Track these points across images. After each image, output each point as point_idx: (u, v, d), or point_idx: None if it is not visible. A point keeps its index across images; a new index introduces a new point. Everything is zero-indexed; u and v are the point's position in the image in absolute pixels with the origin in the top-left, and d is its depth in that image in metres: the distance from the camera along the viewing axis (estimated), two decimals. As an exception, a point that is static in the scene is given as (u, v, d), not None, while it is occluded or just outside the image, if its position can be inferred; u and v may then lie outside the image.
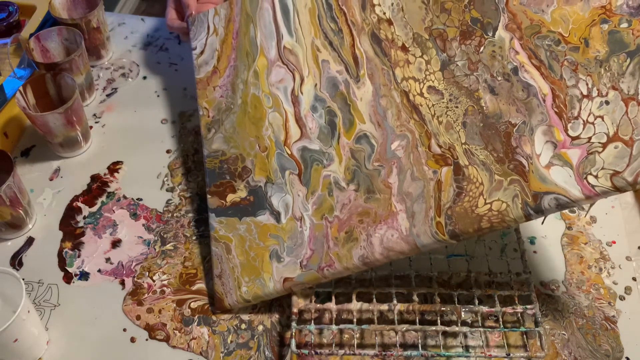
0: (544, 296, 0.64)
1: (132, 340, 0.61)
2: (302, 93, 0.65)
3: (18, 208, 0.67)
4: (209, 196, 0.65)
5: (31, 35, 0.78)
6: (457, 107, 0.57)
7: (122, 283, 0.65)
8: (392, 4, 0.63)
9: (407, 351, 0.57)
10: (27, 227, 0.69)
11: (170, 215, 0.70)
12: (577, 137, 0.51)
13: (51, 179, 0.74)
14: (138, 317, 0.63)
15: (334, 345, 0.59)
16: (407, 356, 0.57)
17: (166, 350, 0.61)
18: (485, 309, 0.59)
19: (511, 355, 0.57)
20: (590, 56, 0.53)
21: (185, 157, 0.76)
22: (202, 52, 0.72)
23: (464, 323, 0.60)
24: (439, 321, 0.59)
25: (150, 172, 0.75)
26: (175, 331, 0.62)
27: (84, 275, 0.66)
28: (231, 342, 0.61)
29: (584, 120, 0.51)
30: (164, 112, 0.81)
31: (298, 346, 0.59)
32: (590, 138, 0.50)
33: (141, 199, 0.72)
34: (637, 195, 0.72)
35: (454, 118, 0.57)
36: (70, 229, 0.70)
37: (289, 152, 0.63)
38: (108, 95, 0.83)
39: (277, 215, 0.61)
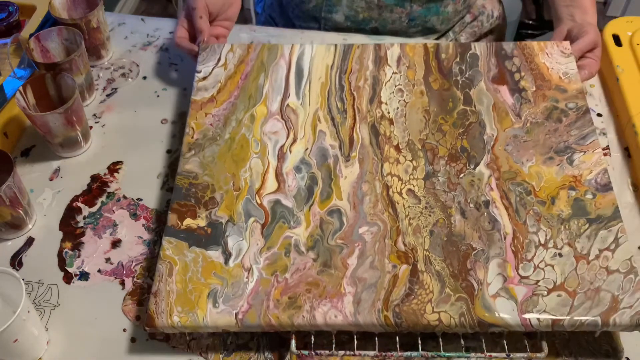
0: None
1: (132, 340, 0.61)
2: (290, 152, 0.67)
3: (18, 208, 0.67)
4: (169, 212, 0.63)
5: (31, 35, 0.78)
6: (430, 215, 0.61)
7: (122, 283, 0.65)
8: (398, 108, 0.69)
9: (407, 351, 0.57)
10: (27, 227, 0.69)
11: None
12: (527, 277, 0.57)
13: (51, 179, 0.74)
14: (138, 317, 0.63)
15: (334, 345, 0.59)
16: (407, 356, 0.57)
17: (166, 350, 0.61)
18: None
19: (511, 355, 0.57)
20: (554, 212, 0.61)
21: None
22: (204, 78, 0.74)
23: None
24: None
25: (150, 172, 0.75)
26: (175, 331, 0.61)
27: (84, 276, 0.66)
28: (231, 343, 0.61)
29: (535, 265, 0.57)
30: (164, 112, 0.81)
31: (298, 347, 0.59)
32: (538, 281, 0.56)
33: (141, 199, 0.72)
34: (637, 195, 0.72)
35: (424, 224, 0.61)
36: (70, 229, 0.69)
37: (259, 202, 0.63)
38: (108, 95, 0.83)
39: (227, 256, 0.59)
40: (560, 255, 0.58)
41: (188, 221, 0.62)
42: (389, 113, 0.69)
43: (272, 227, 0.61)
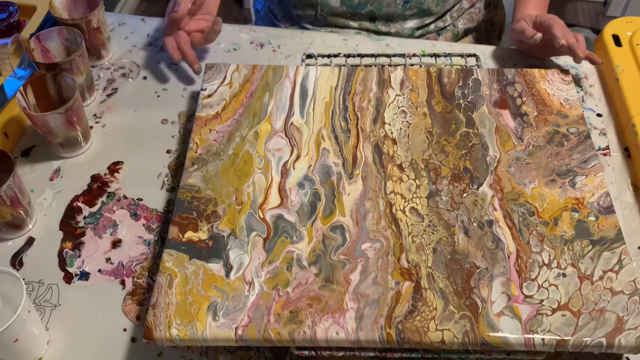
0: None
1: (133, 340, 0.61)
2: (293, 168, 0.67)
3: (18, 208, 0.67)
4: (171, 225, 0.63)
5: (31, 35, 0.78)
6: (433, 233, 0.62)
7: (122, 283, 0.65)
8: (401, 129, 0.70)
9: (407, 351, 0.57)
10: (27, 227, 0.69)
11: (170, 215, 0.70)
12: (530, 297, 0.57)
13: (51, 179, 0.74)
14: (138, 317, 0.63)
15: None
16: (407, 357, 0.57)
17: (166, 350, 0.61)
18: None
19: (511, 355, 0.57)
20: (557, 233, 0.61)
21: (185, 157, 0.76)
22: (209, 95, 0.74)
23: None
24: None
25: (150, 172, 0.75)
26: (175, 331, 0.61)
27: (84, 275, 0.66)
28: (231, 342, 0.61)
29: (539, 284, 0.58)
30: (164, 112, 0.81)
31: (298, 347, 0.59)
32: (542, 300, 0.57)
33: (141, 199, 0.72)
34: (637, 195, 0.72)
35: (427, 242, 0.61)
36: (71, 229, 0.70)
37: (261, 216, 0.63)
38: (108, 96, 0.83)
39: (228, 269, 0.59)
40: (564, 275, 0.58)
41: (189, 234, 0.62)
42: (392, 133, 0.70)
43: (274, 242, 0.61)
